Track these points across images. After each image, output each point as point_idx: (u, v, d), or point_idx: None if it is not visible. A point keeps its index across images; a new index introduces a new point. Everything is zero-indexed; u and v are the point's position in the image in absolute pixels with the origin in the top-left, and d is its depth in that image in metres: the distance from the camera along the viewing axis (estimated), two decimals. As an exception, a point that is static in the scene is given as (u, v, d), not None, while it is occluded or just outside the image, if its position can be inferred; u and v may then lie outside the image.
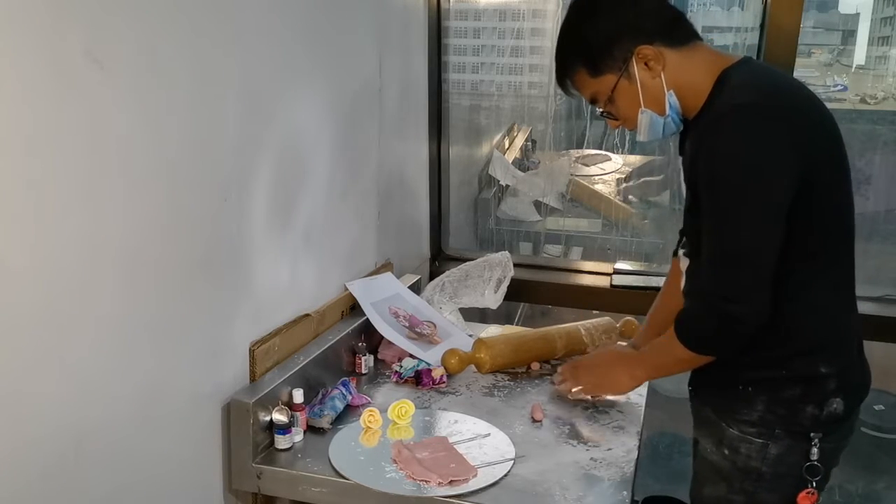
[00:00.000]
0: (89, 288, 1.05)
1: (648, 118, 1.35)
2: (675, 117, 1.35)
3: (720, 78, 1.29)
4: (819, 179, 1.24)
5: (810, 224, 1.25)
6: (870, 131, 2.64)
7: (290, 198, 1.57)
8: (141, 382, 1.18)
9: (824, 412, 1.29)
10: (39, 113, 0.94)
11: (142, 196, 1.13)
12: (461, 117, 2.72)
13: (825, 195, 1.26)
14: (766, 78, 1.32)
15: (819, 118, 1.29)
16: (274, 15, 1.45)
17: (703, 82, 1.30)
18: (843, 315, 1.36)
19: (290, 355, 1.57)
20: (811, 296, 1.30)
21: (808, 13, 2.19)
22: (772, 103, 1.24)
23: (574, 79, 1.39)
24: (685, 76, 1.32)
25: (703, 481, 1.42)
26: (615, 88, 1.34)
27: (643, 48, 1.31)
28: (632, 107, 1.35)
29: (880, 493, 2.70)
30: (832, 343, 1.32)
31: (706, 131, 1.27)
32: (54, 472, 1.03)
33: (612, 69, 1.34)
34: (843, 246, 1.33)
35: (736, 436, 1.33)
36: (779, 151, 1.21)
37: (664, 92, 1.32)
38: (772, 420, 1.30)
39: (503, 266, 2.15)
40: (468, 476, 1.31)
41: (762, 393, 1.31)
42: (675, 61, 1.32)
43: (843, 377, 1.30)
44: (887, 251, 2.53)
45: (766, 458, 1.31)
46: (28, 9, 0.91)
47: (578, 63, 1.37)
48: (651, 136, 1.38)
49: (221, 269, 1.35)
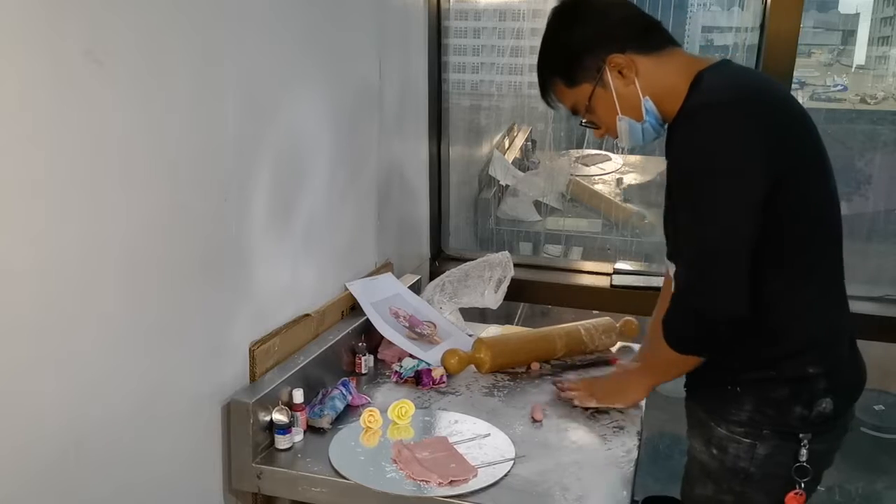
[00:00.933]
0: (89, 288, 1.05)
1: (627, 125, 1.37)
2: (653, 122, 1.36)
3: (694, 80, 1.31)
4: (795, 177, 1.24)
5: (791, 222, 1.25)
6: (870, 131, 2.64)
7: (290, 198, 1.57)
8: (141, 382, 1.18)
9: (813, 412, 1.29)
10: (39, 113, 0.94)
11: (142, 196, 1.13)
12: (461, 117, 2.71)
13: (804, 193, 1.26)
14: (737, 78, 1.33)
15: (792, 117, 1.29)
16: (274, 15, 1.45)
17: (678, 86, 1.31)
18: (831, 314, 1.36)
19: (290, 355, 1.57)
20: (797, 296, 1.30)
21: (808, 13, 2.19)
22: (741, 100, 1.24)
23: (554, 91, 1.43)
24: (660, 81, 1.33)
25: (692, 481, 1.43)
26: (591, 97, 1.37)
27: (614, 57, 1.33)
28: (610, 114, 1.38)
29: (880, 493, 2.70)
30: (821, 343, 1.32)
31: (677, 131, 1.30)
32: (54, 472, 1.03)
33: (586, 79, 1.37)
34: (829, 245, 1.33)
35: (724, 435, 1.33)
36: (748, 148, 1.21)
37: (640, 98, 1.34)
38: (760, 420, 1.30)
39: (503, 266, 2.15)
40: (468, 476, 1.32)
41: (751, 393, 1.31)
42: (649, 68, 1.34)
43: (832, 377, 1.30)
44: (887, 251, 2.53)
45: (755, 459, 1.31)
46: (28, 9, 0.91)
47: (555, 75, 1.41)
48: (632, 142, 1.40)
49: (221, 269, 1.35)
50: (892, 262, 2.49)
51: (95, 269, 1.06)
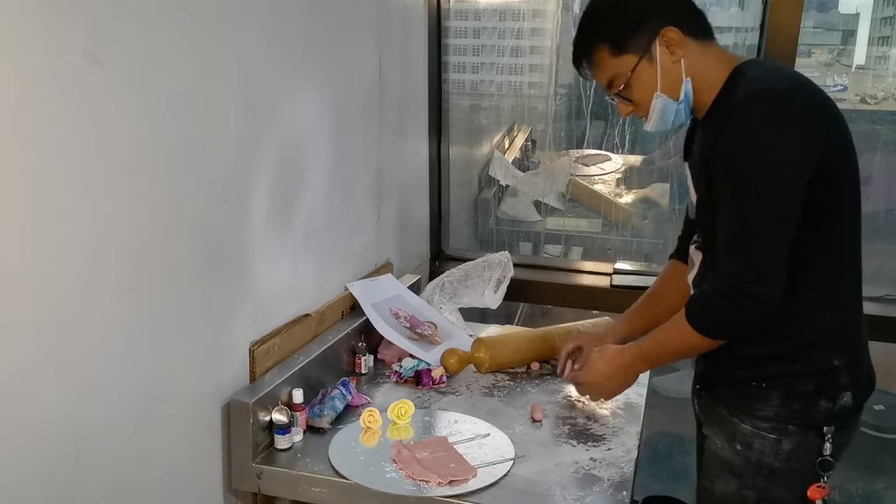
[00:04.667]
0: (89, 288, 1.05)
1: (662, 103, 1.36)
2: (686, 106, 1.36)
3: (734, 73, 1.32)
4: (837, 170, 1.27)
5: (829, 214, 1.28)
6: (870, 131, 2.64)
7: (290, 197, 1.57)
8: (141, 382, 1.18)
9: (836, 406, 1.31)
10: (39, 113, 0.94)
11: (142, 196, 1.13)
12: (461, 117, 2.71)
13: (842, 187, 1.30)
14: (780, 71, 1.36)
15: (835, 113, 1.31)
16: (274, 15, 1.45)
17: (716, 77, 1.33)
18: (853, 306, 1.37)
19: (290, 355, 1.57)
20: (829, 286, 1.32)
21: (808, 13, 2.19)
22: (794, 92, 1.27)
23: (594, 57, 1.39)
24: (701, 68, 1.34)
25: (713, 478, 1.42)
26: (635, 69, 1.35)
27: (669, 30, 1.32)
28: (647, 90, 1.36)
29: (880, 493, 2.70)
30: (845, 335, 1.34)
31: (728, 117, 1.28)
32: (54, 472, 1.03)
33: (635, 48, 1.34)
34: (855, 239, 1.35)
35: (749, 431, 1.34)
36: (801, 137, 1.23)
37: (682, 78, 1.34)
38: (786, 415, 1.31)
39: (503, 266, 2.15)
40: (468, 476, 1.31)
41: (777, 388, 1.32)
42: (695, 52, 1.34)
43: (853, 370, 1.32)
44: (887, 251, 2.53)
45: (779, 454, 1.32)
46: (28, 9, 0.91)
47: (603, 39, 1.37)
48: (660, 125, 1.39)
49: (221, 269, 1.35)
50: (892, 262, 2.49)
51: (95, 269, 1.06)
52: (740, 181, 1.26)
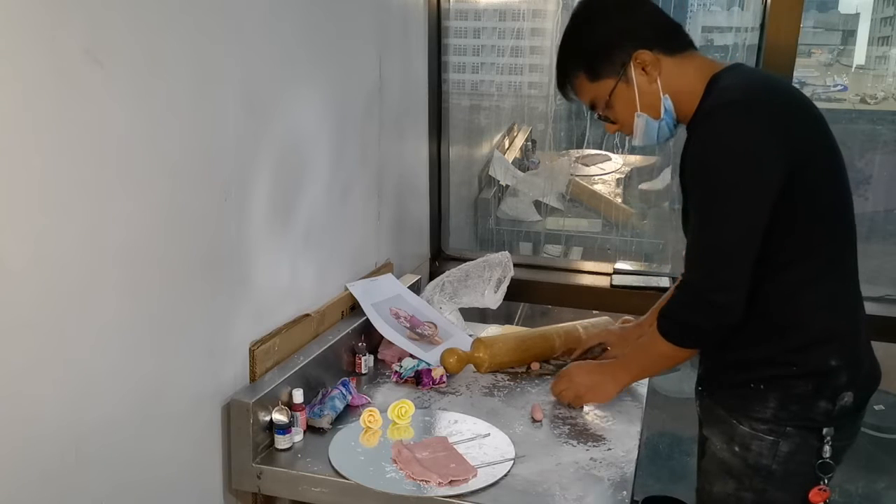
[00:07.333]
0: (89, 288, 1.05)
1: (644, 122, 1.40)
2: (669, 122, 1.40)
3: (710, 82, 1.34)
4: (812, 172, 1.28)
5: (810, 215, 1.28)
6: (870, 131, 2.64)
7: (290, 197, 1.57)
8: (141, 382, 1.18)
9: (836, 406, 1.31)
10: (39, 112, 0.94)
11: (142, 196, 1.13)
12: (461, 117, 2.72)
13: (820, 187, 1.30)
14: (752, 78, 1.38)
15: (805, 115, 1.32)
16: (274, 15, 1.45)
17: (695, 88, 1.35)
18: (851, 305, 1.38)
19: (290, 355, 1.57)
20: (822, 287, 1.32)
21: (808, 13, 2.19)
22: (758, 100, 1.28)
23: (574, 83, 1.44)
24: (680, 82, 1.37)
25: (712, 479, 1.43)
26: (613, 92, 1.39)
27: (641, 53, 1.35)
28: (628, 111, 1.40)
29: (880, 493, 2.70)
30: (841, 334, 1.34)
31: (695, 128, 1.33)
32: (54, 473, 1.03)
33: (610, 73, 1.38)
34: (847, 238, 1.36)
35: (747, 433, 1.34)
36: (764, 145, 1.24)
37: (660, 96, 1.37)
38: (784, 417, 1.32)
39: (503, 266, 2.14)
40: (468, 476, 1.31)
41: (775, 390, 1.32)
42: (671, 68, 1.37)
43: (852, 370, 1.32)
44: (887, 251, 2.53)
45: (777, 456, 1.32)
46: (28, 8, 0.91)
47: (578, 68, 1.41)
48: (646, 140, 1.43)
49: (222, 269, 1.35)
50: (892, 262, 2.49)
51: (95, 269, 1.06)
52: (702, 192, 1.30)
